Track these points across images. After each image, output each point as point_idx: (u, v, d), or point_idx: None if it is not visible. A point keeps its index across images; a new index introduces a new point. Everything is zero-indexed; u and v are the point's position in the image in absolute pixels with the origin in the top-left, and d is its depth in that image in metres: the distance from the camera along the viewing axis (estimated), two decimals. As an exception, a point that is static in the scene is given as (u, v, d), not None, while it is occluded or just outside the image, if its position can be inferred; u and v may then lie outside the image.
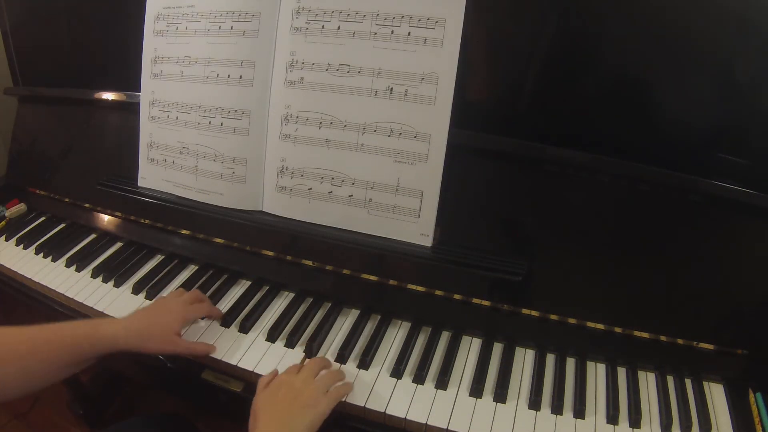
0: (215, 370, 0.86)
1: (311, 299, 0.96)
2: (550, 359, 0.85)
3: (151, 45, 1.03)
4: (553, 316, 0.85)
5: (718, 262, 0.81)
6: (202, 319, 0.91)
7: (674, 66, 0.79)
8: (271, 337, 0.88)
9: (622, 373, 0.83)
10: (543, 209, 0.86)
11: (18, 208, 1.23)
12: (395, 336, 0.89)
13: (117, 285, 1.00)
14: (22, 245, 1.13)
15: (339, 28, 0.87)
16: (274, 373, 0.78)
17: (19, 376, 0.71)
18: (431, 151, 0.85)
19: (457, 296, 0.88)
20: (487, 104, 0.90)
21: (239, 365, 0.84)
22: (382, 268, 0.91)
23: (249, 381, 0.84)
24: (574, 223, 0.85)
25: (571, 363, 0.85)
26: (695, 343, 0.82)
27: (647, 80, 0.82)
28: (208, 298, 0.93)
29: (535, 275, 0.84)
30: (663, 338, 0.82)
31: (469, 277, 0.86)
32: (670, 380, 0.82)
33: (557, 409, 0.77)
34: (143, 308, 0.86)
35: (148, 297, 0.97)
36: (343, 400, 0.77)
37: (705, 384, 0.82)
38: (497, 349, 0.87)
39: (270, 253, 0.98)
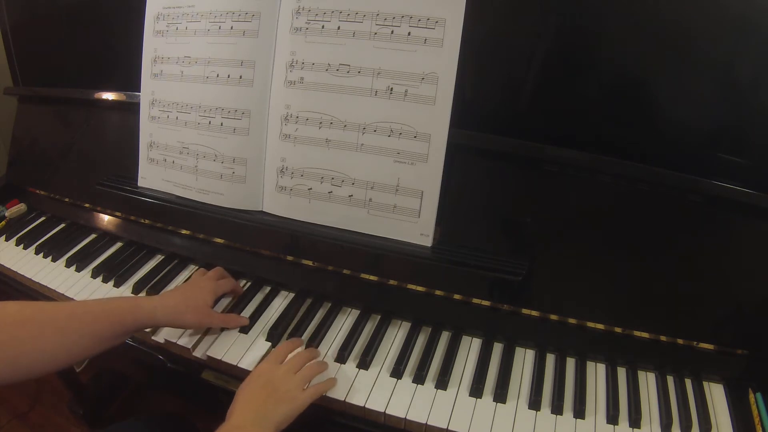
0: (215, 370, 0.86)
1: (311, 299, 0.96)
2: (550, 359, 0.85)
3: (151, 45, 1.03)
4: (553, 316, 0.85)
5: (718, 262, 0.81)
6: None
7: (674, 66, 0.79)
8: (272, 337, 0.88)
9: (622, 373, 0.83)
10: (543, 209, 0.86)
11: (18, 208, 1.23)
12: (395, 336, 0.89)
13: (117, 285, 1.00)
14: (22, 245, 1.13)
15: (339, 28, 0.87)
16: None
17: (59, 345, 0.71)
18: (431, 151, 0.85)
19: (457, 296, 0.88)
20: (486, 104, 0.90)
21: (239, 365, 0.84)
22: (382, 268, 0.91)
23: (249, 381, 0.84)
24: (574, 223, 0.85)
25: (571, 363, 0.85)
26: (695, 343, 0.82)
27: (647, 80, 0.82)
28: (230, 275, 0.95)
29: (535, 275, 0.84)
30: (663, 338, 0.82)
31: (469, 277, 0.86)
32: (670, 380, 0.82)
33: (557, 409, 0.77)
34: (173, 289, 0.90)
35: (148, 297, 0.97)
36: (343, 399, 0.78)
37: (705, 384, 0.82)
38: (497, 349, 0.87)
39: (270, 253, 0.98)
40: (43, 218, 1.22)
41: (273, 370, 0.76)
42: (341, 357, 0.84)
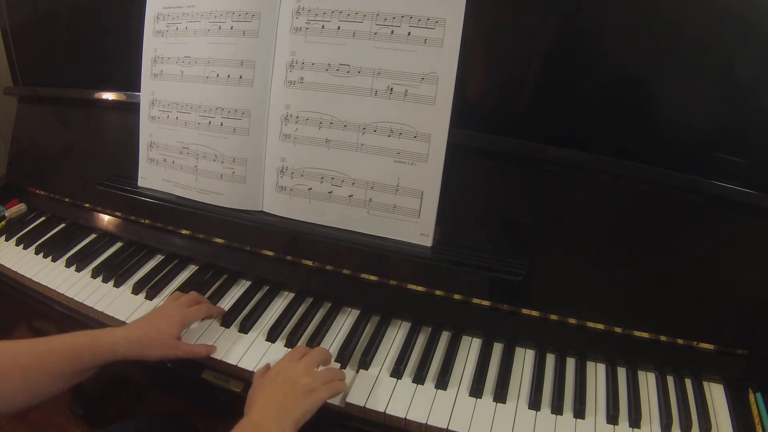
0: (215, 370, 0.86)
1: (311, 299, 0.96)
2: (550, 359, 0.85)
3: (151, 45, 1.03)
4: (553, 316, 0.85)
5: (718, 262, 0.81)
6: (201, 320, 0.91)
7: (674, 66, 0.79)
8: (272, 337, 0.88)
9: (622, 373, 0.83)
10: (543, 209, 0.86)
11: (18, 208, 1.23)
12: (395, 336, 0.89)
13: (117, 285, 1.00)
14: (22, 245, 1.13)
15: (339, 28, 0.87)
16: (267, 367, 0.80)
17: (23, 388, 0.71)
18: (431, 151, 0.85)
19: (457, 296, 0.88)
20: (487, 104, 0.90)
21: (239, 365, 0.84)
22: (382, 268, 0.91)
23: (249, 381, 0.83)
24: (574, 223, 0.85)
25: (571, 363, 0.85)
26: (695, 343, 0.82)
27: (647, 80, 0.82)
28: (206, 299, 0.94)
29: (535, 275, 0.84)
30: (663, 338, 0.82)
31: (469, 277, 0.86)
32: (670, 380, 0.82)
33: (557, 409, 0.77)
34: (141, 317, 0.87)
35: (148, 297, 0.97)
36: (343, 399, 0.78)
37: (705, 384, 0.82)
38: (497, 349, 0.87)
39: (270, 253, 0.98)
40: (43, 218, 1.22)
41: (292, 366, 0.76)
42: (341, 357, 0.84)
